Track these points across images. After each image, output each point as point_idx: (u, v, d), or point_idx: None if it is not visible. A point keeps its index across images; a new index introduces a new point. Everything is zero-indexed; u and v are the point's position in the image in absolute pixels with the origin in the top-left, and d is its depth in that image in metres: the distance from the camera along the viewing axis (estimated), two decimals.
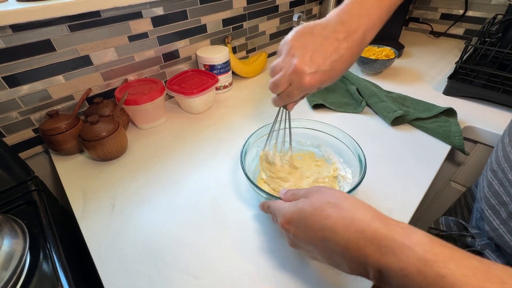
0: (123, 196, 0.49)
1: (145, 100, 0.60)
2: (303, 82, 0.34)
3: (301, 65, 0.33)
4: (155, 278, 0.37)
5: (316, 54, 0.33)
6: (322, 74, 0.33)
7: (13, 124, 0.55)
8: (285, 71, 0.35)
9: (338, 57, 0.33)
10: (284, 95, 0.37)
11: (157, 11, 0.64)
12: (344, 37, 0.33)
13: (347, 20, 0.33)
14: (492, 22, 0.80)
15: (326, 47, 0.33)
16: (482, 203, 0.44)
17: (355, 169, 0.45)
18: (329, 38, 0.33)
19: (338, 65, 0.34)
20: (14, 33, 0.48)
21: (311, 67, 0.33)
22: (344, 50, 0.33)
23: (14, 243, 0.36)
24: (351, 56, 0.34)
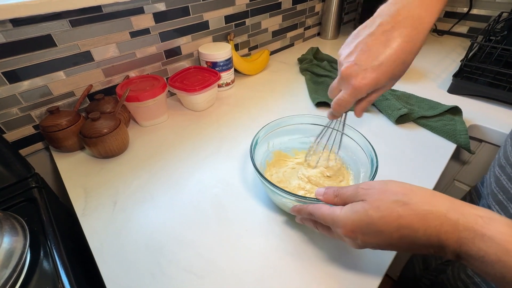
0: (125, 194, 0.48)
1: (146, 97, 0.59)
2: (351, 85, 0.32)
3: (345, 70, 0.32)
4: (158, 277, 0.36)
5: (360, 53, 0.31)
6: (371, 73, 0.31)
7: (13, 121, 0.54)
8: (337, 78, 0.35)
9: (389, 50, 0.30)
10: (334, 102, 0.36)
11: (159, 7, 0.63)
12: (392, 26, 0.30)
13: (394, 10, 0.30)
14: (497, 20, 0.79)
15: (371, 44, 0.31)
16: (489, 199, 0.43)
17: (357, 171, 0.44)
18: (374, 33, 0.31)
19: (391, 58, 0.30)
20: (15, 27, 0.48)
21: (357, 69, 0.31)
22: (396, 39, 0.29)
23: (14, 241, 0.36)
24: (408, 42, 0.30)
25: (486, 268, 0.22)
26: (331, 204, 0.32)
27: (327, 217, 0.30)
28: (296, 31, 1.03)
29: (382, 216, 0.26)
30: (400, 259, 0.52)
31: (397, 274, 0.86)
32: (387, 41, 0.30)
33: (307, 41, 1.11)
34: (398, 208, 0.26)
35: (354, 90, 0.32)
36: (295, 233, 0.41)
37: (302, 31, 1.06)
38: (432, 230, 0.24)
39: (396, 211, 0.26)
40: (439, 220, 0.24)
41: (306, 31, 1.08)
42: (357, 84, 0.31)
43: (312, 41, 1.11)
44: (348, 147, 0.47)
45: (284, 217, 0.43)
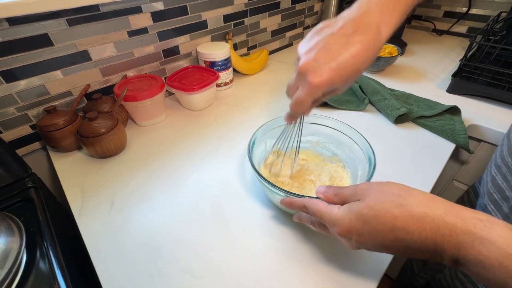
0: (122, 194, 0.48)
1: (144, 96, 0.59)
2: (308, 82, 0.31)
3: (304, 65, 0.31)
4: (155, 277, 0.36)
5: (320, 51, 0.31)
6: (329, 72, 0.30)
7: (10, 120, 0.54)
8: (294, 76, 0.34)
9: (348, 53, 0.30)
10: (293, 103, 0.35)
11: (157, 6, 0.63)
12: (353, 31, 0.30)
13: (356, 15, 0.31)
14: (496, 19, 0.79)
15: (331, 44, 0.30)
16: (485, 198, 0.43)
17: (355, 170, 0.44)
18: (335, 34, 0.31)
19: (349, 61, 0.30)
20: (11, 26, 0.47)
21: (315, 65, 0.31)
22: (355, 44, 0.30)
23: (10, 241, 0.36)
24: (365, 50, 0.30)
25: (486, 273, 0.21)
26: (331, 203, 0.31)
27: (324, 215, 0.30)
28: (295, 30, 1.03)
29: (377, 216, 0.26)
30: (398, 259, 0.52)
31: (396, 274, 0.86)
32: (347, 44, 0.30)
33: None
34: (393, 209, 0.25)
35: (311, 88, 0.31)
36: (294, 233, 0.41)
37: (301, 31, 1.06)
38: (428, 233, 0.23)
39: (392, 212, 0.25)
40: (436, 223, 0.23)
41: (305, 31, 1.08)
42: (314, 81, 0.31)
43: None
44: (346, 145, 0.47)
45: (283, 217, 0.43)
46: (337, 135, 0.48)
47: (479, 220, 0.22)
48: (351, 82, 0.33)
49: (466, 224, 0.22)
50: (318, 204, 0.31)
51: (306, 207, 0.32)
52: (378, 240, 0.26)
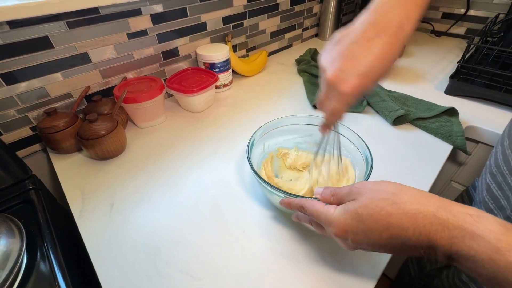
0: (122, 195, 0.48)
1: (144, 98, 0.59)
2: (341, 92, 0.31)
3: (331, 75, 0.31)
4: (155, 278, 0.37)
5: (345, 60, 0.31)
6: (360, 77, 0.31)
7: (10, 122, 0.54)
8: (322, 87, 0.34)
9: (374, 56, 0.30)
10: (330, 114, 0.35)
11: (156, 8, 0.63)
12: (375, 34, 0.30)
13: (376, 18, 0.31)
14: (494, 21, 0.80)
15: (356, 51, 0.31)
16: (481, 207, 0.43)
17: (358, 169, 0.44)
18: (358, 41, 0.31)
19: (375, 64, 0.30)
20: (12, 29, 0.48)
21: (343, 74, 0.31)
22: (379, 46, 0.30)
23: (11, 243, 0.36)
24: (389, 49, 0.30)
25: (478, 268, 0.22)
26: (328, 203, 0.32)
27: (321, 215, 0.31)
28: (294, 32, 1.03)
29: (371, 214, 0.26)
30: (396, 259, 0.53)
31: (394, 274, 0.86)
32: (371, 47, 0.30)
33: (305, 42, 1.12)
34: (387, 207, 0.26)
35: (345, 97, 0.32)
36: (293, 234, 0.41)
37: (300, 32, 1.06)
38: (422, 229, 0.24)
39: (386, 210, 0.26)
40: (428, 219, 0.24)
41: (304, 32, 1.08)
42: (346, 90, 0.31)
43: (310, 42, 1.11)
44: (343, 145, 0.48)
45: (282, 218, 0.44)
46: None
47: (469, 215, 0.23)
48: (382, 80, 0.33)
49: (457, 219, 0.23)
50: (315, 204, 0.32)
51: (304, 208, 0.33)
52: (373, 238, 0.27)
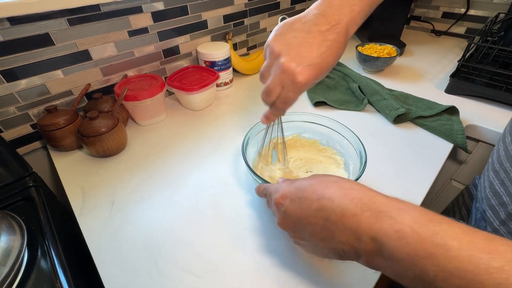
0: (123, 193, 0.48)
1: (145, 96, 0.59)
2: (296, 80, 0.32)
3: (289, 63, 0.31)
4: (155, 276, 0.37)
5: (302, 48, 0.32)
6: (314, 68, 0.32)
7: (10, 119, 0.54)
8: (274, 74, 0.33)
9: (326, 48, 0.31)
10: (279, 102, 0.35)
11: (157, 6, 0.63)
12: (327, 29, 0.31)
13: (328, 12, 0.32)
14: (494, 20, 0.80)
15: (310, 41, 0.32)
16: (484, 203, 0.43)
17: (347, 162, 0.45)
18: (312, 31, 0.32)
19: (328, 57, 0.32)
20: (12, 26, 0.47)
21: (300, 62, 0.31)
22: (331, 41, 0.31)
23: (11, 240, 0.36)
24: (338, 47, 0.32)
25: (402, 247, 0.21)
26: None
27: (272, 188, 0.32)
28: None
29: (312, 184, 0.28)
30: None
31: None
32: (324, 41, 0.31)
33: None
34: (329, 183, 0.27)
35: (299, 86, 0.32)
36: None
37: None
38: (349, 202, 0.24)
39: (325, 184, 0.27)
40: (359, 194, 0.25)
41: None
42: (301, 79, 0.31)
43: None
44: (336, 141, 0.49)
45: None
46: (327, 132, 0.50)
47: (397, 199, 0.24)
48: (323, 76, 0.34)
49: (386, 197, 0.24)
50: (275, 184, 0.33)
51: (265, 189, 0.35)
52: (304, 208, 0.27)
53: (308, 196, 0.27)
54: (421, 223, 0.21)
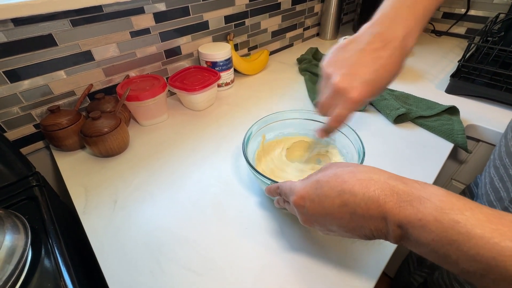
0: (125, 192, 0.49)
1: (147, 96, 0.59)
2: (350, 98, 0.32)
3: (341, 82, 0.32)
4: (158, 274, 0.37)
5: (354, 67, 0.32)
6: (367, 85, 0.31)
7: (14, 119, 0.54)
8: (325, 92, 0.34)
9: (379, 66, 0.31)
10: (335, 120, 0.35)
11: (159, 7, 0.63)
12: (381, 46, 0.31)
13: (381, 30, 0.32)
14: (494, 21, 0.80)
15: (363, 59, 0.32)
16: (483, 200, 0.44)
17: None
18: (365, 50, 0.32)
19: (383, 74, 0.32)
20: (16, 27, 0.48)
21: (352, 81, 0.32)
22: (385, 58, 0.31)
23: (15, 238, 0.36)
24: (395, 63, 0.32)
25: (425, 233, 0.21)
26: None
27: (286, 187, 0.32)
28: (295, 31, 1.04)
29: (328, 181, 0.27)
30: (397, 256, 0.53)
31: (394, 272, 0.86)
32: (378, 58, 0.31)
33: (306, 41, 1.12)
34: (344, 175, 0.27)
35: (352, 104, 0.32)
36: (294, 232, 0.41)
37: (301, 32, 1.07)
38: (371, 194, 0.24)
39: (342, 177, 0.27)
40: (379, 185, 0.24)
41: (305, 31, 1.09)
42: (354, 97, 0.32)
43: (311, 42, 1.12)
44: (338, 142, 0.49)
45: (282, 216, 0.44)
46: None
47: (417, 183, 0.24)
48: (382, 91, 0.35)
49: (406, 185, 0.24)
50: (287, 182, 0.33)
51: (279, 188, 0.34)
52: (327, 205, 0.27)
53: (328, 194, 0.27)
54: (443, 211, 0.21)
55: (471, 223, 0.20)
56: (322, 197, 0.27)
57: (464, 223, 0.20)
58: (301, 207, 0.29)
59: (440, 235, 0.21)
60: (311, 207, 0.28)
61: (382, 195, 0.24)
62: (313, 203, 0.28)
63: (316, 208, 0.28)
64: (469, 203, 0.21)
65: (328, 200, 0.27)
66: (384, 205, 0.23)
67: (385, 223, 0.24)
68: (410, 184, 0.24)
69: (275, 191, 0.35)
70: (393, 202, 0.23)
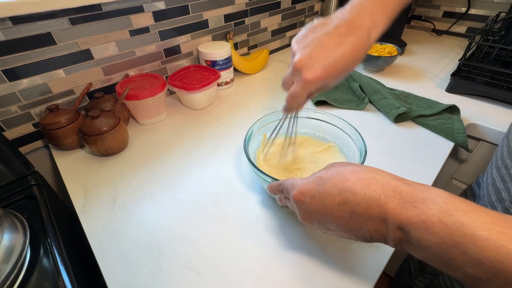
0: (124, 192, 0.48)
1: (146, 95, 0.59)
2: (303, 78, 0.33)
3: (299, 61, 0.33)
4: (157, 274, 0.37)
5: (315, 48, 0.32)
6: (323, 69, 0.32)
7: (12, 118, 0.54)
8: (289, 70, 0.35)
9: (341, 52, 0.32)
10: (289, 96, 0.37)
11: (158, 5, 0.63)
12: (347, 32, 0.32)
13: (349, 17, 0.33)
14: (495, 20, 0.79)
15: (326, 42, 0.32)
16: (485, 200, 0.43)
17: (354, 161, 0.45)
18: (330, 33, 0.32)
19: (341, 60, 0.32)
20: (14, 25, 0.48)
21: (309, 62, 0.32)
22: (348, 44, 0.32)
23: (14, 238, 0.36)
24: (356, 51, 0.32)
25: (429, 236, 0.21)
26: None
27: (288, 183, 0.32)
28: (295, 30, 1.03)
29: (331, 178, 0.27)
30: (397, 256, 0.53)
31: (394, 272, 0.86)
32: (341, 43, 0.32)
33: None
34: (347, 173, 0.26)
35: (306, 83, 0.33)
36: (294, 231, 0.41)
37: None
38: (372, 192, 0.24)
39: (344, 176, 0.26)
40: (381, 184, 0.24)
41: None
42: (309, 77, 0.32)
43: None
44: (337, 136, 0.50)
45: (283, 214, 0.44)
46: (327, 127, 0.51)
47: (421, 185, 0.24)
48: (341, 79, 0.35)
49: (410, 187, 0.23)
50: (289, 179, 0.33)
51: (281, 185, 0.34)
52: (327, 203, 0.27)
53: (329, 191, 0.27)
54: (447, 212, 0.20)
55: (476, 225, 0.19)
56: (324, 194, 0.27)
57: (470, 225, 0.19)
58: (301, 203, 0.29)
59: (445, 237, 0.20)
60: (311, 203, 0.28)
61: (384, 195, 0.23)
62: (313, 199, 0.28)
63: (316, 205, 0.28)
64: (474, 205, 0.21)
65: (329, 198, 0.26)
66: (385, 205, 0.23)
67: (385, 225, 0.23)
68: (413, 185, 0.24)
69: (277, 189, 0.35)
70: (395, 202, 0.23)
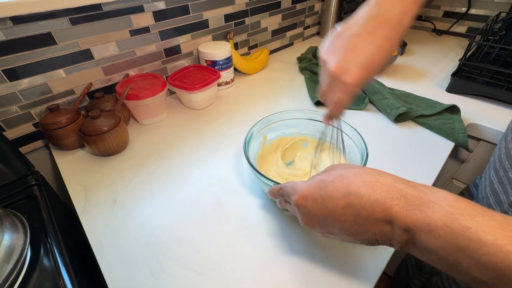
0: (124, 192, 0.48)
1: (146, 95, 0.59)
2: (344, 82, 0.32)
3: (335, 68, 0.32)
4: (157, 274, 0.37)
5: (347, 52, 0.32)
6: (361, 68, 0.31)
7: (13, 118, 0.54)
8: (324, 79, 0.34)
9: (375, 47, 0.31)
10: (334, 105, 0.35)
11: (159, 5, 0.63)
12: (376, 27, 0.31)
13: (376, 11, 0.31)
14: (495, 19, 0.79)
15: (358, 43, 0.32)
16: (483, 203, 0.43)
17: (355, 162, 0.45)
18: (360, 34, 0.32)
19: (378, 55, 0.31)
20: (15, 25, 0.48)
21: (346, 66, 0.32)
22: (380, 39, 0.31)
23: (14, 238, 0.36)
24: (390, 42, 0.31)
25: (434, 239, 0.21)
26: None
27: (289, 187, 0.31)
28: (295, 30, 1.03)
29: (333, 181, 0.27)
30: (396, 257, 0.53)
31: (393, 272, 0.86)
32: (372, 40, 0.31)
33: (306, 40, 1.12)
34: (350, 176, 0.26)
35: (348, 88, 0.32)
36: (294, 232, 0.41)
37: (301, 31, 1.06)
38: (377, 196, 0.23)
39: (348, 178, 0.26)
40: (386, 186, 0.24)
41: (305, 30, 1.08)
42: (349, 81, 0.32)
43: (311, 41, 1.11)
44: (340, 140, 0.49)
45: (283, 215, 0.44)
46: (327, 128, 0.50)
47: (425, 187, 0.23)
48: (380, 72, 0.34)
49: (414, 189, 0.23)
50: (290, 182, 0.32)
51: (281, 189, 0.34)
52: (330, 207, 0.26)
53: (333, 194, 0.26)
54: (452, 216, 0.20)
55: (482, 229, 0.19)
56: (326, 198, 0.26)
57: (475, 229, 0.19)
58: (303, 207, 0.29)
59: (450, 241, 0.20)
60: (314, 207, 0.27)
61: (389, 198, 0.23)
62: (316, 203, 0.27)
63: (319, 209, 0.27)
64: (479, 208, 0.20)
65: (332, 201, 0.26)
66: (391, 208, 0.23)
67: (391, 227, 0.23)
68: (418, 188, 0.23)
69: (278, 193, 0.35)
70: (400, 205, 0.22)
